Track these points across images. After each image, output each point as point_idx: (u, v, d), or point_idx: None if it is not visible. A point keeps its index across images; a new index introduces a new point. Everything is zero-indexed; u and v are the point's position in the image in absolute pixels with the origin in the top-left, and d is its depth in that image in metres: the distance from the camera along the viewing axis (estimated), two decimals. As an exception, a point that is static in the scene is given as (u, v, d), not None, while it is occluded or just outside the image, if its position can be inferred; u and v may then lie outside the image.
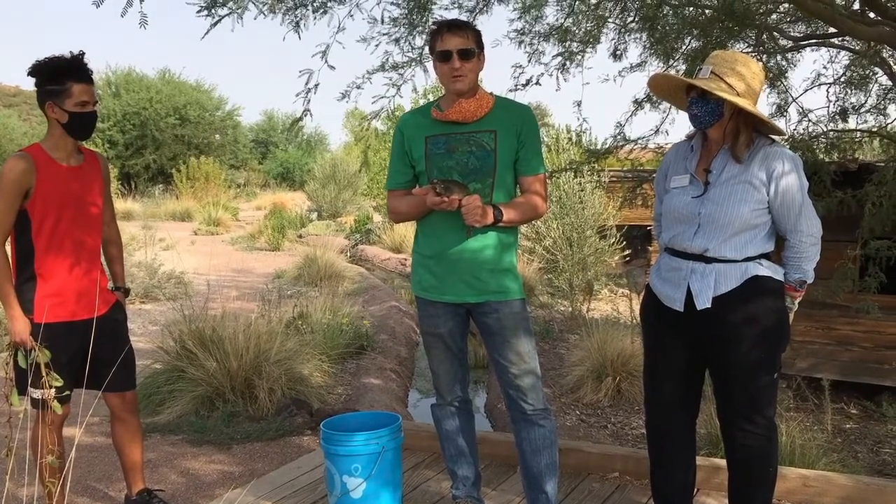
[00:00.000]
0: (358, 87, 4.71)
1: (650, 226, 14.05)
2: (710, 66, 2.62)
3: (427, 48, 4.88)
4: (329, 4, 3.85)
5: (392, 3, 4.23)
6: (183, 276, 11.26)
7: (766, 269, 2.65)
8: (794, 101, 5.61)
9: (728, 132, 2.65)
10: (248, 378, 5.21)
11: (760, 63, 2.87)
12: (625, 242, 11.99)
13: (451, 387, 3.06)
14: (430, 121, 2.91)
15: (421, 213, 2.88)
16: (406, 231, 16.50)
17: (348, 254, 16.10)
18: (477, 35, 2.83)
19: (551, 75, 5.40)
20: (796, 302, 2.75)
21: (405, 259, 15.16)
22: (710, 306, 2.63)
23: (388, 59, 4.91)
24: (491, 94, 2.92)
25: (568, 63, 5.43)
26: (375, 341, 7.46)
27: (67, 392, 3.05)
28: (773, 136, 2.71)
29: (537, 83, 5.31)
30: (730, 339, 2.65)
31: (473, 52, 2.79)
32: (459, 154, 2.84)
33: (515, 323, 2.85)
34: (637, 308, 6.34)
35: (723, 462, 3.29)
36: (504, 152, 2.83)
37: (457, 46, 2.76)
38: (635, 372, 5.97)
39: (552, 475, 2.93)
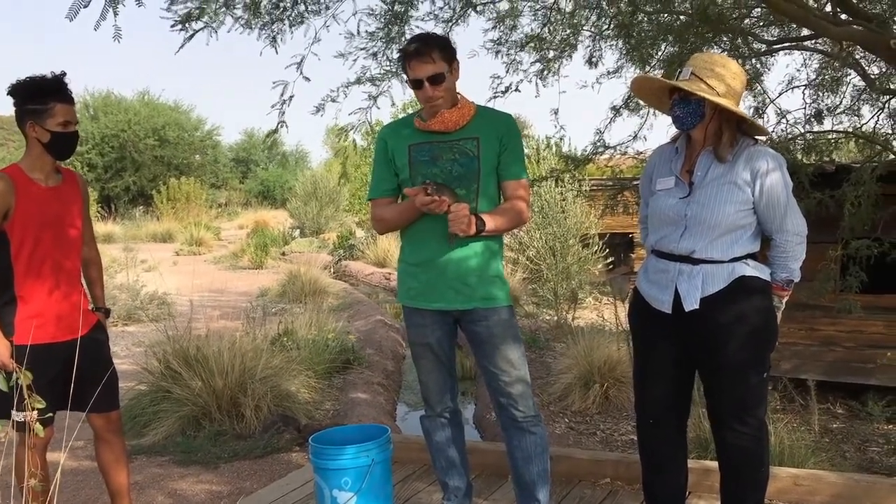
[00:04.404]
0: (333, 101, 4.69)
1: (632, 233, 14.21)
2: (690, 68, 2.64)
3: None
4: (306, 15, 3.84)
5: (369, 14, 4.23)
6: (166, 297, 11.17)
7: (752, 269, 2.66)
8: (772, 102, 5.67)
9: (710, 133, 2.66)
10: (233, 396, 5.17)
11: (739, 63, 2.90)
12: (607, 250, 12.03)
13: (440, 397, 3.04)
14: (413, 130, 2.91)
15: (408, 221, 2.88)
16: (389, 245, 16.47)
17: (332, 270, 16.06)
18: (444, 49, 2.78)
19: (530, 81, 5.42)
20: (783, 301, 2.76)
21: (389, 273, 15.12)
22: (697, 307, 2.64)
23: (365, 73, 4.91)
24: (472, 102, 2.93)
25: (546, 71, 5.45)
26: (362, 356, 7.43)
27: (50, 414, 3.01)
28: (757, 137, 2.74)
29: (517, 90, 5.32)
30: (718, 340, 2.65)
31: (443, 75, 2.76)
32: (443, 162, 2.84)
33: (504, 330, 2.85)
34: (622, 315, 6.34)
35: (713, 464, 3.29)
36: (487, 158, 2.84)
37: (426, 74, 2.75)
38: (622, 378, 5.97)
39: (544, 483, 2.92)
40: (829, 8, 4.23)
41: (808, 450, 4.32)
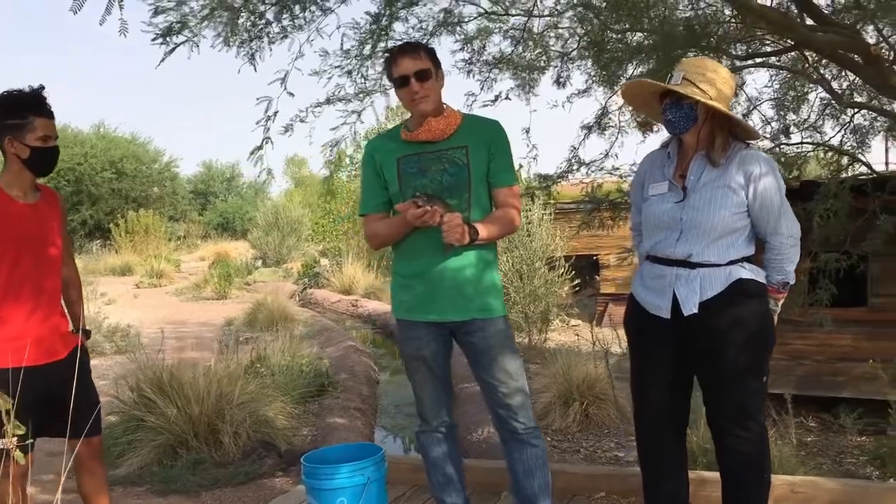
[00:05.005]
0: (302, 121, 4.62)
1: (597, 255, 14.27)
2: (682, 73, 2.65)
3: (384, 77, 4.90)
4: (289, 30, 3.80)
5: (353, 28, 4.20)
6: (129, 329, 10.92)
7: (749, 272, 2.66)
8: (754, 107, 5.77)
9: (703, 137, 2.67)
10: (211, 423, 5.03)
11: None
12: (574, 273, 12.06)
13: (436, 412, 2.98)
14: (400, 143, 2.88)
15: (402, 234, 2.83)
16: (355, 272, 16.37)
17: (298, 298, 15.89)
18: (431, 54, 2.82)
19: (521, 87, 5.44)
20: (779, 304, 2.77)
21: (356, 300, 15.01)
22: (696, 312, 2.63)
23: (336, 92, 4.86)
24: (458, 111, 2.91)
25: (520, 90, 5.48)
26: (336, 381, 7.33)
27: (31, 441, 2.88)
28: (748, 141, 2.76)
29: (507, 98, 5.33)
30: (717, 345, 2.65)
31: (430, 71, 2.77)
32: (433, 173, 2.82)
33: (501, 341, 2.81)
34: (598, 334, 6.30)
35: (709, 474, 3.28)
36: (477, 166, 2.81)
37: (412, 69, 2.74)
38: (602, 396, 5.95)
39: (546, 496, 2.86)
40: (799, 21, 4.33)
41: (798, 461, 4.32)
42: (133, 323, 11.40)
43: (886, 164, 7.08)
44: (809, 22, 4.16)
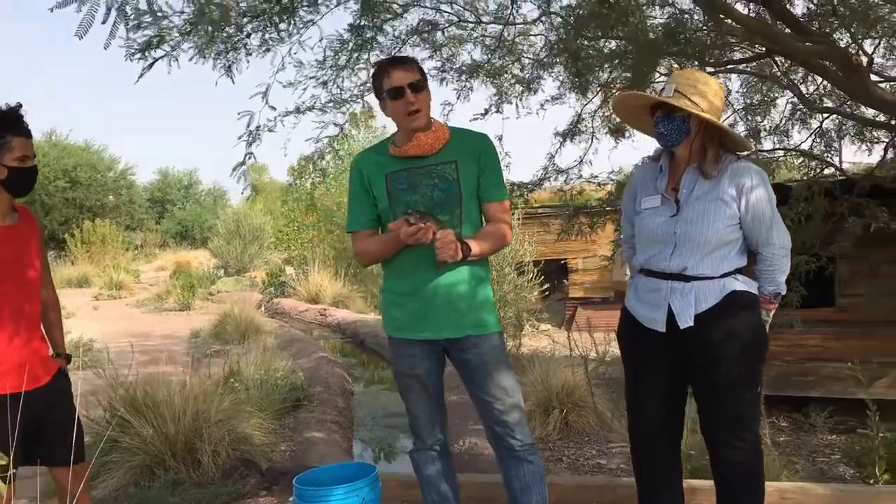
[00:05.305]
0: (270, 130, 4.55)
1: (565, 259, 14.35)
2: (674, 85, 2.65)
3: (364, 88, 4.86)
4: (270, 42, 3.74)
5: (337, 40, 4.15)
6: (92, 344, 10.66)
7: (742, 284, 2.68)
8: (734, 111, 5.81)
9: (695, 149, 2.68)
10: (188, 442, 4.90)
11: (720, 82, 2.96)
12: (542, 277, 12.09)
13: (430, 429, 2.94)
14: (388, 158, 2.84)
15: (393, 251, 2.78)
16: (322, 280, 16.21)
17: (264, 308, 15.70)
18: (420, 67, 2.80)
19: (510, 102, 5.44)
20: (771, 314, 2.79)
21: (324, 309, 14.86)
22: (692, 324, 2.64)
23: (311, 103, 4.81)
24: (445, 125, 2.88)
25: (498, 99, 5.47)
26: (311, 394, 7.22)
27: (14, 470, 2.78)
28: (738, 153, 2.77)
29: (498, 111, 5.32)
30: (712, 357, 2.66)
31: (423, 83, 2.75)
32: (423, 188, 2.78)
33: (496, 357, 2.78)
34: (570, 341, 6.30)
35: (699, 483, 3.29)
36: (467, 181, 2.79)
37: (406, 80, 2.71)
38: (581, 403, 5.95)
39: (544, 512, 2.85)
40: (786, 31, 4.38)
41: (781, 465, 4.37)
42: (95, 336, 11.12)
43: (840, 162, 7.26)
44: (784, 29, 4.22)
